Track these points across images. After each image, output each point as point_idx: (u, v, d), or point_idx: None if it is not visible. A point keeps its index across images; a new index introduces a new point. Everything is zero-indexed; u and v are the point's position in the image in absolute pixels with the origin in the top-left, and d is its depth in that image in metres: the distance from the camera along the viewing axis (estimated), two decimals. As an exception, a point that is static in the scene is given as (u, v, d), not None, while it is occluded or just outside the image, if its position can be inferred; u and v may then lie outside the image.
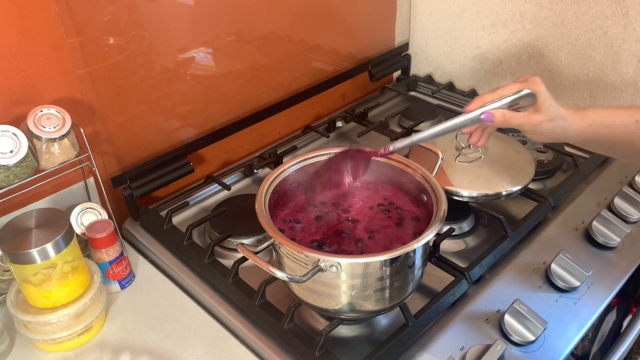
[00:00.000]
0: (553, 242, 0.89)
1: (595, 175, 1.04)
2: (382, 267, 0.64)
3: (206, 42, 0.99)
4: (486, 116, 0.66)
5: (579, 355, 1.03)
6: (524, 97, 0.66)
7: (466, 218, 0.93)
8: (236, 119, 1.09)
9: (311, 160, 0.79)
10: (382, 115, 1.25)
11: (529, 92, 0.66)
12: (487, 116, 0.66)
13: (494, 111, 0.66)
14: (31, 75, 0.81)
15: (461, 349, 0.71)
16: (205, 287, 0.83)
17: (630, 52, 1.05)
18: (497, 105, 0.66)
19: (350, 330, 0.76)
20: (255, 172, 1.10)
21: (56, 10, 0.79)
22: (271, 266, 0.62)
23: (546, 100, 0.66)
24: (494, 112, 0.65)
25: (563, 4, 1.10)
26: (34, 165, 0.77)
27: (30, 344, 0.77)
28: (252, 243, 0.89)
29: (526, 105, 0.67)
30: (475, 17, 1.26)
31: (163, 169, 0.97)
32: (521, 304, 0.74)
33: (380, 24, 1.36)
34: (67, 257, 0.71)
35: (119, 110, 0.92)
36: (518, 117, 0.66)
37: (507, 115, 0.66)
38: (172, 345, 0.76)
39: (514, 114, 0.66)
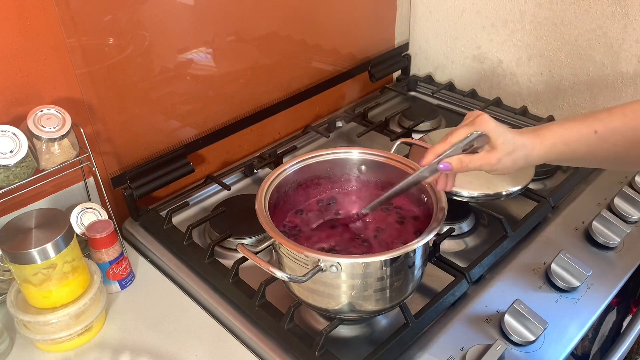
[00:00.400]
0: (553, 242, 0.89)
1: (595, 175, 1.04)
2: (382, 267, 0.64)
3: (206, 42, 0.99)
4: (444, 165, 0.66)
5: (579, 355, 1.03)
6: (477, 139, 0.66)
7: (466, 218, 0.93)
8: (236, 119, 1.09)
9: (311, 160, 0.79)
10: (382, 115, 1.24)
11: (479, 134, 0.65)
12: (444, 165, 0.66)
13: (451, 159, 0.66)
14: (31, 75, 0.81)
15: (461, 349, 0.71)
16: (205, 287, 0.83)
17: (630, 52, 1.05)
18: (450, 151, 0.66)
19: (350, 330, 0.76)
20: (255, 172, 1.10)
21: (56, 10, 0.79)
22: (271, 266, 0.62)
23: (499, 136, 0.65)
24: (451, 160, 0.66)
25: (563, 4, 1.10)
26: (34, 165, 0.77)
27: (30, 344, 0.77)
28: (252, 243, 0.89)
29: (482, 144, 0.66)
30: (475, 17, 1.26)
31: (163, 169, 0.97)
32: (521, 304, 0.74)
33: (380, 24, 1.36)
34: (67, 257, 0.71)
35: (119, 110, 0.92)
36: (475, 159, 0.66)
37: (464, 160, 0.66)
38: (172, 345, 0.75)
39: (471, 158, 0.66)
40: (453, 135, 0.66)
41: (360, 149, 0.81)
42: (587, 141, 0.65)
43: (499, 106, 1.27)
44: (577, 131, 0.65)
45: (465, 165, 0.65)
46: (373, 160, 0.80)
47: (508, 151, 0.65)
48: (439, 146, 0.67)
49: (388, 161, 0.79)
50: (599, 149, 0.65)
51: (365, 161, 0.81)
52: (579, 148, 0.66)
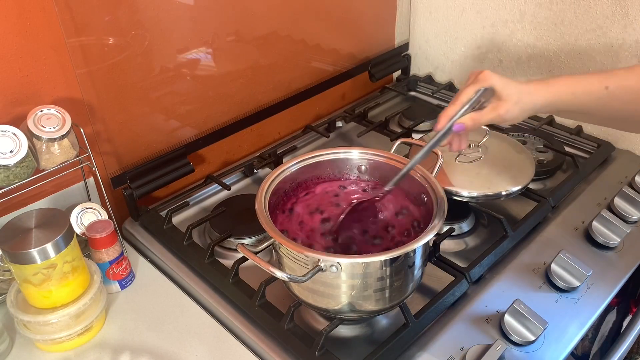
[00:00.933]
0: (553, 242, 0.89)
1: (595, 175, 1.04)
2: (382, 267, 0.64)
3: (206, 42, 0.99)
4: (458, 127, 0.68)
5: (579, 355, 1.03)
6: (484, 94, 0.68)
7: (466, 218, 0.93)
8: (236, 119, 1.09)
9: (311, 160, 0.79)
10: (382, 115, 1.24)
11: (485, 89, 0.67)
12: (458, 127, 0.68)
13: (463, 119, 0.67)
14: (31, 75, 0.81)
15: (461, 349, 0.71)
16: (205, 287, 0.83)
17: (630, 52, 1.05)
18: (462, 112, 0.68)
19: (350, 330, 0.76)
20: (255, 172, 1.10)
21: (56, 10, 0.79)
22: (271, 266, 0.62)
23: (504, 87, 0.67)
24: (463, 120, 0.67)
25: (563, 4, 1.10)
26: (34, 165, 0.77)
27: (30, 344, 0.77)
28: (252, 243, 0.89)
29: (488, 98, 0.68)
30: (475, 17, 1.26)
31: (163, 169, 0.97)
32: (521, 304, 0.74)
33: (380, 24, 1.36)
34: (67, 257, 0.71)
35: (119, 110, 0.92)
36: (485, 114, 0.67)
37: (475, 117, 0.67)
38: (172, 345, 0.76)
39: (481, 114, 0.67)
40: (461, 95, 0.68)
41: (360, 149, 0.81)
42: (596, 95, 0.65)
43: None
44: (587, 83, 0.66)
45: (477, 121, 0.67)
46: (373, 160, 0.80)
47: (515, 100, 0.66)
48: (450, 109, 0.68)
49: (388, 161, 0.79)
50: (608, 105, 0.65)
51: (365, 161, 0.81)
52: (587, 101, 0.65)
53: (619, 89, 0.64)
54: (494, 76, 0.67)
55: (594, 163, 1.06)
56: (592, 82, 0.65)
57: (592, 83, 0.65)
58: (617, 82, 0.64)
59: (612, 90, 0.64)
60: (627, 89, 0.64)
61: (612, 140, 1.12)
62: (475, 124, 0.67)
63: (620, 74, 0.65)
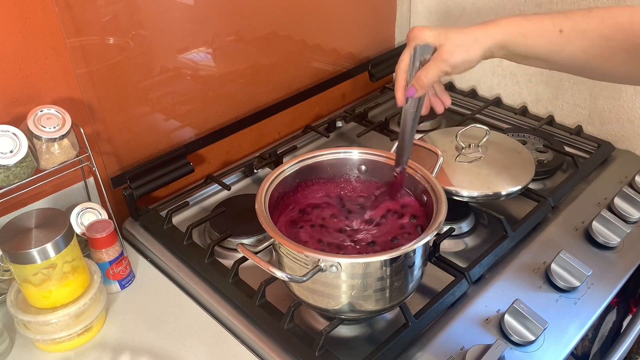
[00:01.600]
0: (553, 242, 0.89)
1: (595, 175, 1.04)
2: (382, 267, 0.64)
3: (206, 42, 0.99)
4: (409, 92, 0.66)
5: (579, 355, 1.03)
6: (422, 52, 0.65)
7: (466, 218, 0.93)
8: (236, 119, 1.09)
9: (311, 160, 0.79)
10: (382, 115, 1.24)
11: (420, 46, 0.65)
12: (410, 92, 0.66)
13: (411, 83, 0.66)
14: (31, 75, 0.81)
15: (461, 349, 0.71)
16: (205, 287, 0.83)
17: (630, 52, 1.05)
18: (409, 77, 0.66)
19: (350, 330, 0.76)
20: (255, 172, 1.10)
21: (56, 10, 0.79)
22: (271, 266, 0.62)
23: (439, 35, 0.63)
24: (412, 83, 0.65)
25: (563, 4, 1.10)
26: (34, 165, 0.77)
27: (30, 344, 0.77)
28: (252, 243, 0.89)
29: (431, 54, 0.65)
30: (475, 17, 1.26)
31: (163, 169, 0.97)
32: (521, 304, 0.74)
33: (380, 24, 1.36)
34: (67, 257, 0.71)
35: (119, 110, 0.92)
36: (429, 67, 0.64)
37: (421, 76, 0.64)
38: (172, 345, 0.76)
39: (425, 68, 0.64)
40: (399, 64, 0.66)
41: (360, 149, 0.81)
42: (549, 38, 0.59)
43: (498, 106, 1.27)
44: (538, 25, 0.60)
45: (425, 77, 0.64)
46: (373, 160, 0.80)
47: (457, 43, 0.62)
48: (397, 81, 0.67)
49: (388, 161, 0.79)
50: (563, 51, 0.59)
51: (365, 161, 0.81)
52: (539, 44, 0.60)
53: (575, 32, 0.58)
54: (424, 30, 0.64)
55: (594, 163, 1.06)
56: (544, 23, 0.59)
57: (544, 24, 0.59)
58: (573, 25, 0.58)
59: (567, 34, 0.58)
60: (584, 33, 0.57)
61: (612, 140, 1.12)
62: (424, 81, 0.64)
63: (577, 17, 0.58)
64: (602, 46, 0.57)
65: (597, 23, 0.57)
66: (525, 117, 1.22)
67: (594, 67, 0.60)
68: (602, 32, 0.57)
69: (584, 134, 1.15)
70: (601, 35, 0.57)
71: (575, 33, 0.58)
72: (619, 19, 0.56)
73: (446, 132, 1.03)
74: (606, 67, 0.59)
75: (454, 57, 0.63)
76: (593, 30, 0.57)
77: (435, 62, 0.64)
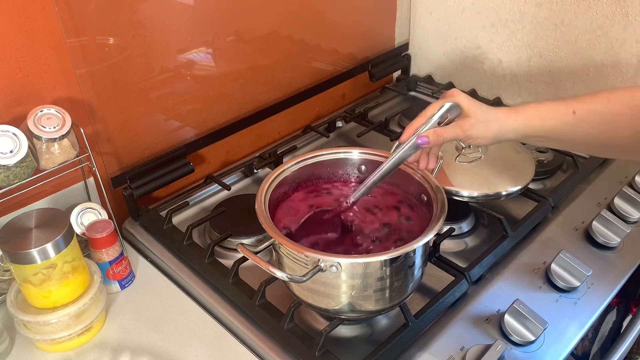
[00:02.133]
0: (553, 242, 0.89)
1: (595, 175, 1.04)
2: (382, 267, 0.64)
3: (206, 42, 0.99)
4: (421, 140, 0.68)
5: (579, 355, 1.03)
6: (450, 110, 0.68)
7: (466, 218, 0.93)
8: (236, 119, 1.09)
9: (311, 160, 0.79)
10: (382, 115, 1.24)
11: (452, 104, 0.68)
12: (422, 140, 0.68)
13: (427, 133, 0.68)
14: (31, 75, 0.81)
15: (461, 349, 0.71)
16: (205, 287, 0.83)
17: (630, 52, 1.05)
18: (428, 126, 0.68)
19: (350, 330, 0.76)
20: (255, 172, 1.10)
21: (56, 10, 0.79)
22: (271, 266, 0.62)
23: (471, 105, 0.68)
24: (427, 134, 0.68)
25: (563, 4, 1.10)
26: (34, 165, 0.77)
27: (30, 344, 0.77)
28: (252, 243, 0.89)
29: (455, 117, 0.69)
30: (475, 17, 1.26)
31: (163, 169, 0.97)
32: (521, 304, 0.74)
33: (380, 24, 1.36)
34: (67, 257, 0.71)
35: (119, 110, 0.92)
36: (449, 129, 0.68)
37: (439, 132, 0.67)
38: (172, 345, 0.75)
39: (445, 129, 0.68)
40: (427, 109, 0.69)
41: (360, 149, 0.81)
42: (564, 119, 0.66)
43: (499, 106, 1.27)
44: (554, 109, 0.67)
45: (440, 136, 0.67)
46: (373, 160, 0.80)
47: (481, 119, 0.67)
48: (416, 121, 0.69)
49: (388, 161, 0.79)
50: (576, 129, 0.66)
51: (365, 161, 0.81)
52: (556, 126, 0.67)
53: (586, 112, 0.66)
54: (461, 94, 0.68)
55: (594, 163, 1.06)
56: (559, 108, 0.67)
57: (559, 108, 0.67)
58: (584, 106, 0.66)
59: (579, 114, 0.66)
60: (594, 112, 0.66)
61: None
62: (438, 138, 0.67)
63: (587, 99, 0.67)
64: (610, 122, 0.65)
65: (604, 102, 0.66)
66: (525, 117, 1.22)
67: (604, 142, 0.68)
68: (610, 109, 0.65)
69: (584, 134, 1.15)
70: (609, 112, 0.65)
71: (587, 112, 0.66)
72: (623, 97, 0.65)
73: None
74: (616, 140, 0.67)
75: (473, 131, 0.68)
76: (601, 108, 0.66)
77: (456, 128, 0.68)
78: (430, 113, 0.69)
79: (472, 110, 0.67)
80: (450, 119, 0.69)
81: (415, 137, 0.68)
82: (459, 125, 0.68)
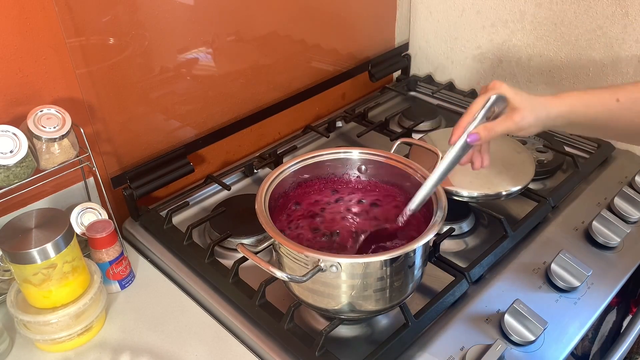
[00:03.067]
0: (553, 242, 0.89)
1: (595, 175, 1.04)
2: (382, 267, 0.64)
3: (206, 42, 0.99)
4: (471, 138, 0.66)
5: (579, 355, 1.03)
6: (496, 103, 0.66)
7: (466, 218, 0.93)
8: (236, 119, 1.09)
9: (311, 160, 0.79)
10: (382, 115, 1.24)
11: (497, 96, 0.66)
12: (472, 137, 0.66)
13: (477, 129, 0.66)
14: (31, 75, 0.81)
15: (461, 349, 0.71)
16: (205, 287, 0.83)
17: (630, 52, 1.05)
18: (476, 123, 0.66)
19: (350, 330, 0.76)
20: (255, 172, 1.10)
21: (56, 10, 0.79)
22: (271, 266, 0.62)
23: (516, 95, 0.66)
24: (477, 130, 0.66)
25: (563, 4, 1.10)
26: (34, 165, 0.77)
27: (30, 344, 0.77)
28: (252, 243, 0.89)
29: (502, 109, 0.67)
30: (475, 17, 1.26)
31: (163, 169, 0.97)
32: (521, 304, 0.74)
33: (380, 24, 1.36)
34: (67, 257, 0.71)
35: (119, 110, 0.92)
36: (500, 123, 0.66)
37: (489, 126, 0.66)
38: (172, 345, 0.76)
39: (495, 123, 0.66)
40: (473, 105, 0.67)
41: (360, 149, 0.81)
42: (608, 106, 0.66)
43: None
44: (598, 96, 0.67)
45: (492, 130, 0.65)
46: (373, 160, 0.80)
47: (530, 108, 0.65)
48: (463, 119, 0.67)
49: (388, 161, 0.79)
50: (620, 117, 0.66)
51: (365, 161, 0.81)
52: (600, 113, 0.67)
53: (630, 100, 0.66)
54: (503, 84, 0.67)
55: (594, 163, 1.06)
56: (603, 95, 0.67)
57: (603, 96, 0.67)
58: (628, 94, 0.66)
59: (623, 102, 0.65)
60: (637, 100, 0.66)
61: (612, 141, 1.12)
62: (489, 133, 0.65)
63: (630, 87, 0.67)
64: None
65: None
66: (525, 117, 1.21)
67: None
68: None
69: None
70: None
71: (631, 101, 0.66)
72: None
73: (446, 132, 1.03)
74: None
75: (524, 121, 0.66)
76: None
77: (506, 120, 0.66)
78: (476, 109, 0.66)
79: (519, 99, 0.66)
80: (497, 112, 0.66)
81: (465, 136, 0.66)
82: (510, 117, 0.66)
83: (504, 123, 0.66)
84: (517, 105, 0.66)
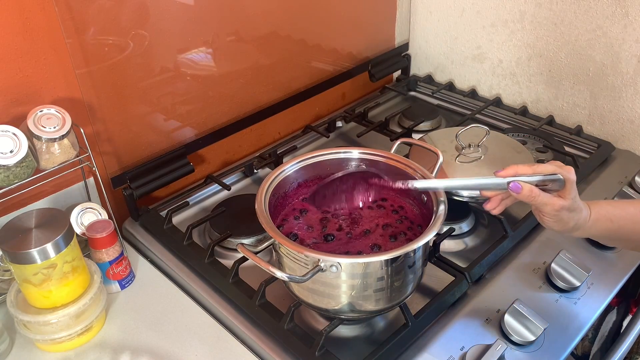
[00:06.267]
0: (553, 242, 0.89)
1: (596, 175, 1.04)
2: (382, 267, 0.64)
3: (206, 42, 0.99)
4: (514, 186, 0.65)
5: (579, 355, 1.03)
6: (555, 181, 0.66)
7: (466, 218, 0.93)
8: (236, 119, 1.09)
9: (311, 160, 0.79)
10: (382, 115, 1.25)
11: (562, 179, 0.66)
12: (515, 186, 0.65)
13: (523, 184, 0.65)
14: (31, 75, 0.81)
15: (461, 349, 0.71)
16: (205, 287, 0.83)
17: (630, 52, 1.05)
18: (528, 179, 0.66)
19: (350, 330, 0.76)
20: (255, 172, 1.10)
21: (56, 10, 0.79)
22: (271, 266, 0.62)
23: (573, 190, 0.66)
24: (523, 185, 0.65)
25: (563, 4, 1.10)
26: (34, 165, 0.77)
27: (30, 344, 0.77)
28: (252, 243, 0.89)
29: (553, 189, 0.67)
30: (475, 17, 1.26)
31: (163, 169, 0.97)
32: (521, 304, 0.74)
33: (380, 24, 1.36)
34: (67, 257, 0.71)
35: (119, 110, 0.92)
36: (544, 196, 0.66)
37: (535, 191, 0.65)
38: (172, 345, 0.76)
39: (541, 192, 0.66)
40: (540, 166, 0.67)
41: (360, 149, 0.81)
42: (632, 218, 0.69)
43: (498, 106, 1.27)
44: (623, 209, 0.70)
45: (534, 195, 0.65)
46: (373, 160, 0.80)
47: (572, 207, 0.66)
48: (522, 167, 0.67)
49: (388, 161, 0.79)
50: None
51: (365, 161, 0.81)
52: (625, 225, 0.70)
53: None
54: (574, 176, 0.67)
55: (594, 163, 1.06)
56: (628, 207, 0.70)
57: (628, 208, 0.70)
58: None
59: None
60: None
61: (612, 141, 1.12)
62: (530, 196, 0.65)
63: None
64: None
65: None
66: (525, 117, 1.22)
67: None
68: None
69: (584, 134, 1.15)
70: None
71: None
72: None
73: (446, 132, 1.03)
74: None
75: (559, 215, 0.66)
76: None
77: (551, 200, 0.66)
78: (540, 170, 0.66)
79: (572, 195, 0.66)
80: (548, 188, 0.67)
81: (511, 179, 0.66)
82: (554, 200, 0.66)
83: (547, 199, 0.66)
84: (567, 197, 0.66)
